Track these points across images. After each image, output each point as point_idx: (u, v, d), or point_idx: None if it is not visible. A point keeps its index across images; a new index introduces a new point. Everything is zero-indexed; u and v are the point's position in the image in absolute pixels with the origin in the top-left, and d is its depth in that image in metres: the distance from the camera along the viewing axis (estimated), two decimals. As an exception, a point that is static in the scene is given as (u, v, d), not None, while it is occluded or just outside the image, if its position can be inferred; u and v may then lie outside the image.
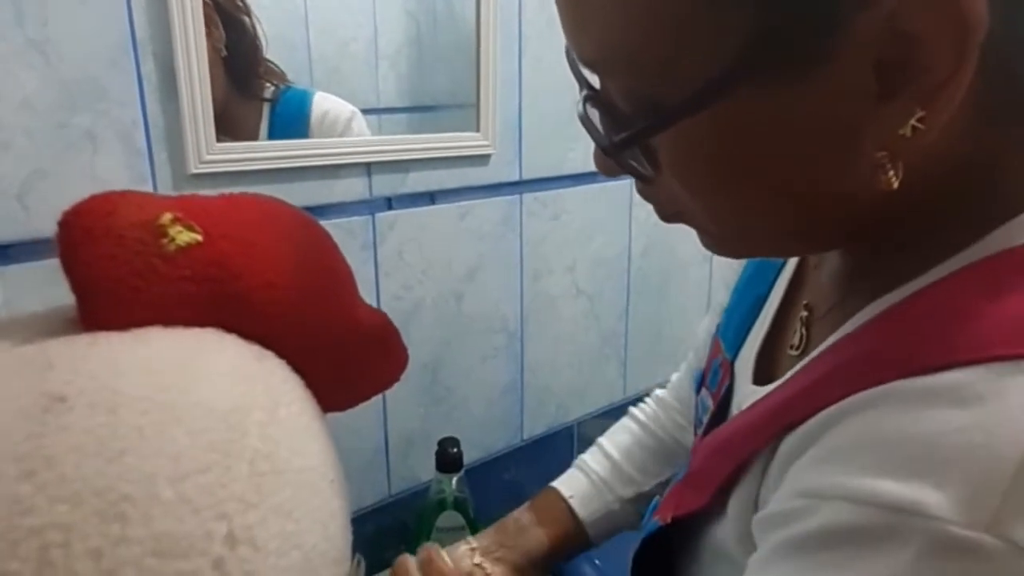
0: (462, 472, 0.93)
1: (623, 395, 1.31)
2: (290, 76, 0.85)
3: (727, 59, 0.31)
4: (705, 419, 0.55)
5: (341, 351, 0.38)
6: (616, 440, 0.76)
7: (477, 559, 0.66)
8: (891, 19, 0.29)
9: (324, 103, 0.87)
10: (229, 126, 0.78)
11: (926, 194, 0.35)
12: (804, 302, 0.47)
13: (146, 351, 0.30)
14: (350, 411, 0.96)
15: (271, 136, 0.83)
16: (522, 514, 0.71)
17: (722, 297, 0.64)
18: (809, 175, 0.34)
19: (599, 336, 1.24)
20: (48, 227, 0.73)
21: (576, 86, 0.40)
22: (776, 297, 0.52)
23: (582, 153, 1.11)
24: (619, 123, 0.37)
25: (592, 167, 1.20)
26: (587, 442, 1.26)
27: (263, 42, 0.81)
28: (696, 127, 0.33)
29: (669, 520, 0.45)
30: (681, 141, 0.35)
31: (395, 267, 0.95)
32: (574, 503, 0.71)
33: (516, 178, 1.05)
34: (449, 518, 0.92)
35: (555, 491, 0.72)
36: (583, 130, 0.40)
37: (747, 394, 0.48)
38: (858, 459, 0.31)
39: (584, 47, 0.36)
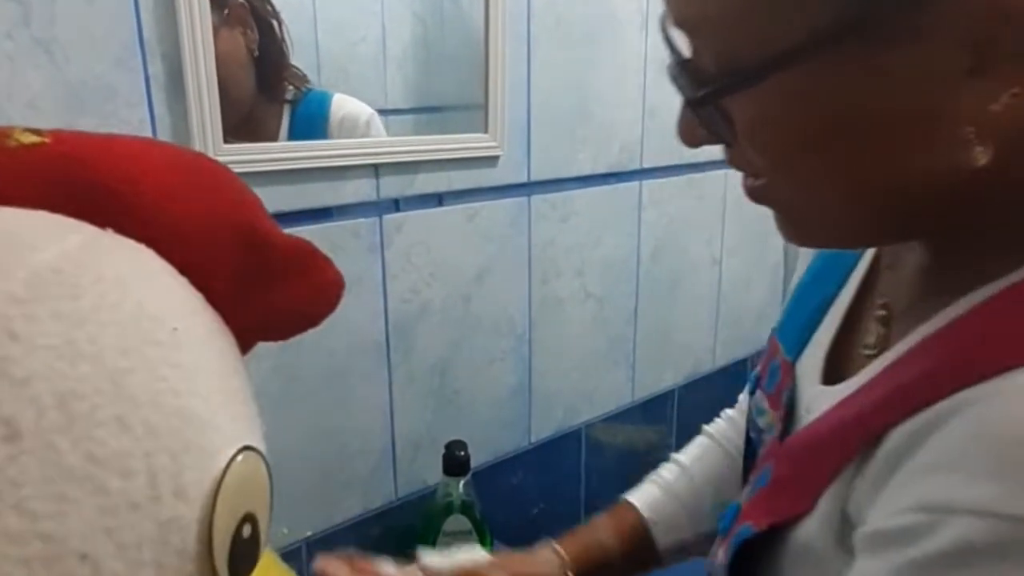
0: (469, 475, 0.93)
1: (631, 399, 1.30)
2: (298, 77, 0.85)
3: (816, 25, 0.31)
4: (764, 422, 0.53)
5: (241, 260, 0.34)
6: (705, 471, 0.70)
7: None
8: None
9: (343, 105, 0.87)
10: (252, 127, 0.79)
11: (1011, 188, 0.35)
12: (880, 301, 0.46)
13: None
14: (357, 414, 0.96)
15: (291, 138, 0.84)
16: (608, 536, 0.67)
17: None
18: (889, 149, 0.34)
19: (607, 339, 1.23)
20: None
21: (581, 89, 0.41)
22: (847, 297, 0.51)
23: (591, 155, 1.11)
24: (703, 83, 0.37)
25: (600, 169, 1.19)
26: (595, 445, 1.27)
27: (289, 47, 0.82)
28: (776, 91, 0.34)
29: (766, 527, 0.44)
30: (759, 105, 0.35)
31: (402, 269, 0.94)
32: (656, 531, 0.66)
33: (524, 180, 1.04)
34: (456, 522, 0.92)
35: (638, 513, 0.67)
36: (591, 132, 0.41)
37: (816, 395, 0.47)
38: (973, 465, 0.31)
39: (685, 9, 0.37)
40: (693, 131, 0.41)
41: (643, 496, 0.68)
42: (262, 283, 0.35)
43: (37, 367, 0.23)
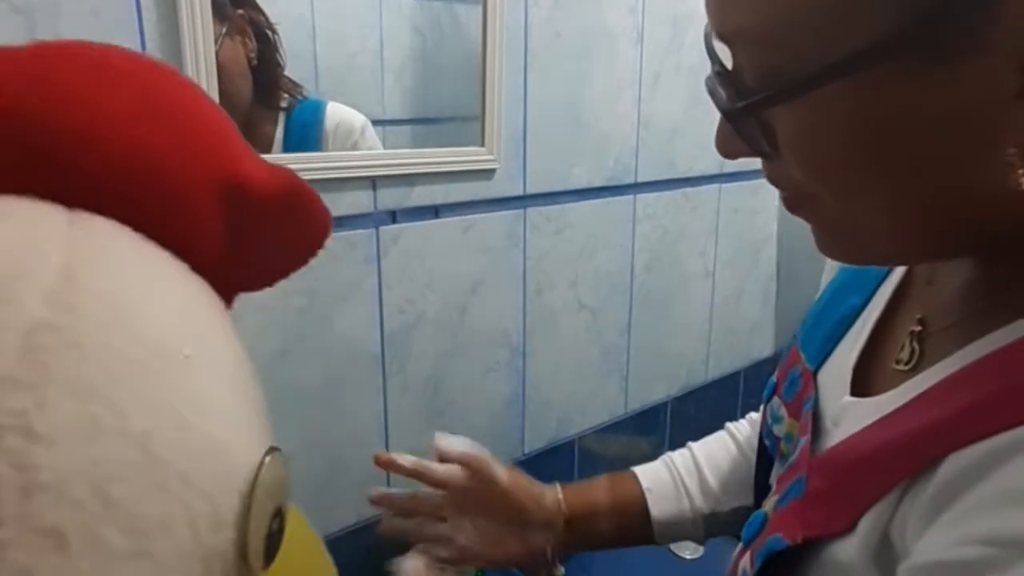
0: (463, 486, 0.93)
1: (624, 410, 1.31)
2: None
3: (870, 39, 0.31)
4: (780, 430, 0.53)
5: (224, 215, 0.30)
6: (708, 451, 0.73)
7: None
8: None
9: (336, 113, 0.88)
10: (248, 135, 0.79)
11: None
12: (917, 316, 0.45)
13: None
14: (351, 424, 0.96)
15: (286, 145, 0.85)
16: (601, 495, 0.71)
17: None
18: (932, 168, 0.33)
19: (601, 351, 1.24)
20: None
21: (577, 103, 0.40)
22: (876, 309, 0.49)
23: (586, 168, 1.12)
24: (744, 96, 0.36)
25: (595, 183, 1.20)
26: (588, 457, 1.27)
27: (284, 58, 0.84)
28: (821, 104, 0.33)
29: (800, 540, 0.42)
30: (804, 117, 0.35)
31: (398, 280, 0.95)
32: (650, 499, 0.70)
33: (520, 192, 1.05)
34: (449, 532, 0.92)
35: (637, 481, 0.72)
36: (587, 146, 0.40)
37: (845, 407, 0.47)
38: None
39: (725, 20, 0.36)
40: (731, 143, 0.40)
41: (646, 468, 0.72)
42: (248, 236, 0.32)
43: (67, 465, 0.22)
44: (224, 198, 0.30)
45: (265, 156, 0.81)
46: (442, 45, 0.98)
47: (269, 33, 0.82)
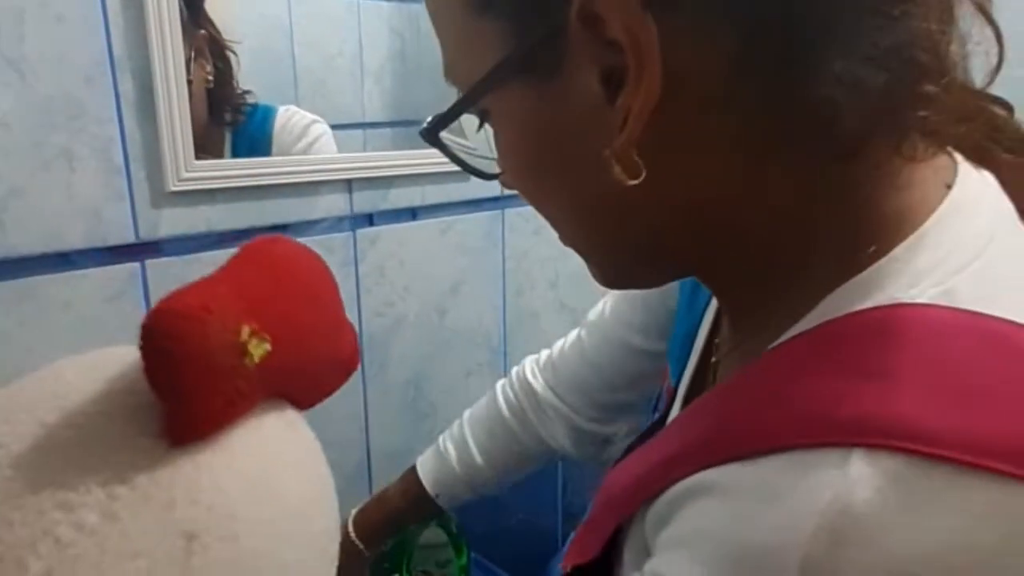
0: (444, 488, 0.93)
1: (608, 409, 1.31)
2: (275, 91, 0.85)
3: (492, 62, 0.33)
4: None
5: (325, 374, 0.40)
6: (481, 442, 0.81)
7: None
8: (590, 26, 0.30)
9: (285, 116, 0.87)
10: (199, 148, 0.78)
11: (749, 246, 0.35)
12: (717, 342, 0.46)
13: (239, 468, 0.32)
14: (332, 428, 0.96)
15: (235, 154, 0.83)
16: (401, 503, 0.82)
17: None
18: (582, 176, 0.35)
19: (583, 350, 1.24)
20: (24, 245, 0.72)
21: None
22: (704, 332, 0.50)
23: (564, 168, 1.12)
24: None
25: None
26: (569, 460, 1.27)
27: (238, 81, 0.83)
28: (498, 124, 0.37)
29: (568, 570, 0.44)
30: (497, 137, 0.38)
31: (377, 283, 0.94)
32: (441, 501, 0.81)
33: (498, 193, 1.05)
34: (432, 535, 0.91)
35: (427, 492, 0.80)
36: None
37: None
38: (689, 553, 0.32)
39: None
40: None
41: (429, 472, 0.81)
42: (329, 383, 0.41)
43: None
44: (332, 362, 0.39)
45: (241, 160, 0.80)
46: (420, 46, 0.98)
47: (228, 54, 0.80)
